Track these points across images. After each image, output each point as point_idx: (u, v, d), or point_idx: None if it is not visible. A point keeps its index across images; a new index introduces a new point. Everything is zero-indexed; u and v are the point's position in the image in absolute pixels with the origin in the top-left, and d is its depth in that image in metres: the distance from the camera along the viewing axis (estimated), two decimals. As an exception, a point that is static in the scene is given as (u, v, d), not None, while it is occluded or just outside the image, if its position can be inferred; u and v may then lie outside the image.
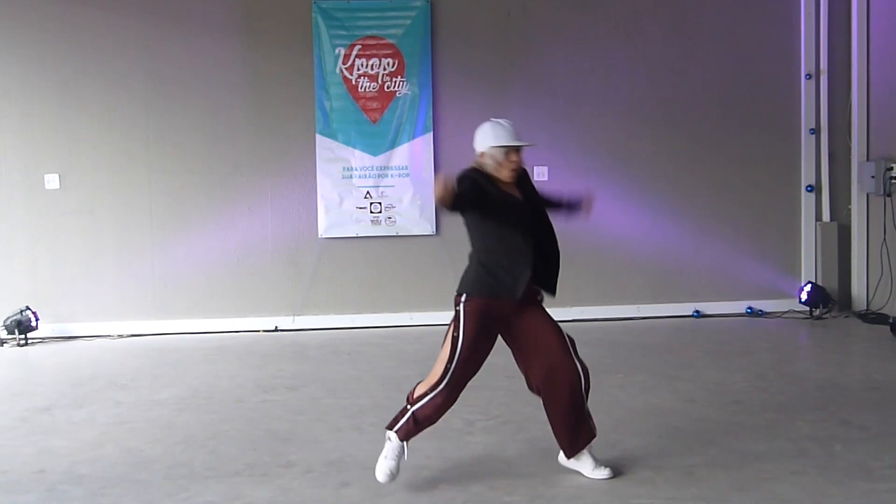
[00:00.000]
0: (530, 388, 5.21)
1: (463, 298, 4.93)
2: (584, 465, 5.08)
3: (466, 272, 5.03)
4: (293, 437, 5.92)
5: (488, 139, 4.97)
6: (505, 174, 4.97)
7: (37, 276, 9.79)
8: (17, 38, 9.69)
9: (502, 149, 4.94)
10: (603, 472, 5.05)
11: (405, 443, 4.97)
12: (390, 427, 5.02)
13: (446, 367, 4.90)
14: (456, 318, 4.94)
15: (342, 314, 9.95)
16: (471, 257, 5.05)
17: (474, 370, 5.03)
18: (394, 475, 4.93)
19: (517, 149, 5.00)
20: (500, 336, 5.09)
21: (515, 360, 5.19)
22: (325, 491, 4.94)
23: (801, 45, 10.17)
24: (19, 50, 9.70)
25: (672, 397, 6.70)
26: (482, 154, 5.00)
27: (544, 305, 5.17)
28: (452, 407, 5.04)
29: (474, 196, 4.82)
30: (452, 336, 4.91)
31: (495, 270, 4.91)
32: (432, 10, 9.90)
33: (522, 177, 5.10)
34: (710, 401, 6.58)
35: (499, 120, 5.07)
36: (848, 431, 5.80)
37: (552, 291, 5.16)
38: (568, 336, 5.13)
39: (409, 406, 4.99)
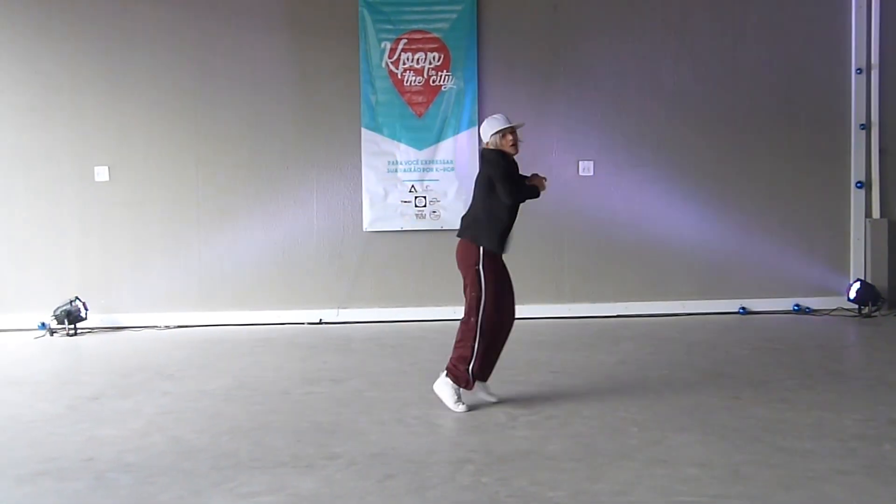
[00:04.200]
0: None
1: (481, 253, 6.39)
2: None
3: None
4: (337, 430, 5.95)
5: (488, 130, 6.34)
6: (511, 150, 6.33)
7: (86, 267, 9.94)
8: (69, 32, 9.84)
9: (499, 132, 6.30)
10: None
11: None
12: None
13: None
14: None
15: (387, 307, 9.99)
16: None
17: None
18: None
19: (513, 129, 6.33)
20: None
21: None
22: (369, 483, 4.96)
23: (851, 38, 10.04)
24: (71, 44, 9.84)
25: (717, 394, 6.64)
26: (486, 144, 6.39)
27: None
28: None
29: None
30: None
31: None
32: (478, 4, 9.89)
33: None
34: (757, 398, 6.51)
35: (492, 115, 6.44)
36: (897, 431, 5.72)
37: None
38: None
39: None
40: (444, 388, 6.32)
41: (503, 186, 6.16)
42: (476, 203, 6.45)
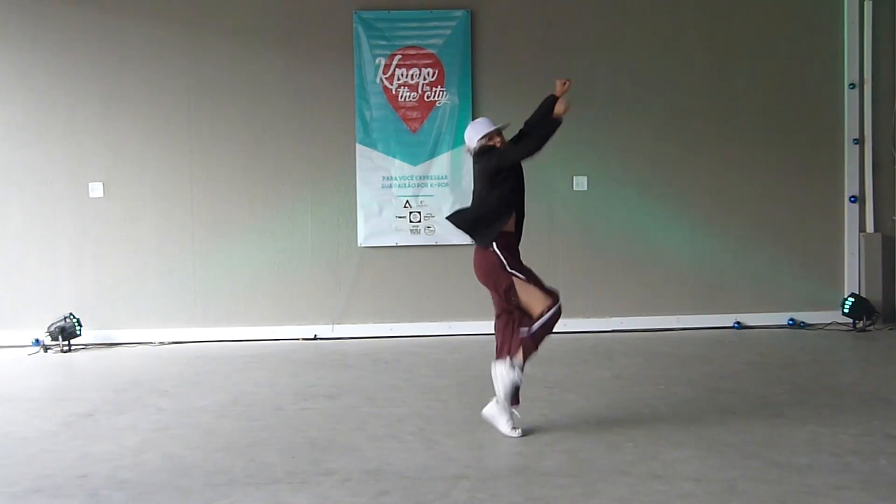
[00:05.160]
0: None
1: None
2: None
3: None
4: (332, 446, 5.94)
5: (474, 136, 6.28)
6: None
7: (80, 283, 9.92)
8: (63, 48, 9.84)
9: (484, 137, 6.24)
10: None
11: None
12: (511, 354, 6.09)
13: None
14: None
15: (381, 323, 9.98)
16: None
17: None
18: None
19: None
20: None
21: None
22: (364, 499, 4.95)
23: (844, 54, 10.08)
24: (65, 61, 9.85)
25: (712, 409, 6.64)
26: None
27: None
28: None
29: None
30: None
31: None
32: (472, 20, 9.92)
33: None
34: (752, 413, 6.51)
35: (474, 122, 6.53)
36: (892, 446, 5.71)
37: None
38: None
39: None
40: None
41: (514, 150, 6.21)
42: (476, 201, 6.32)
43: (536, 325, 6.00)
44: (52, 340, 9.54)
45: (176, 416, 6.80)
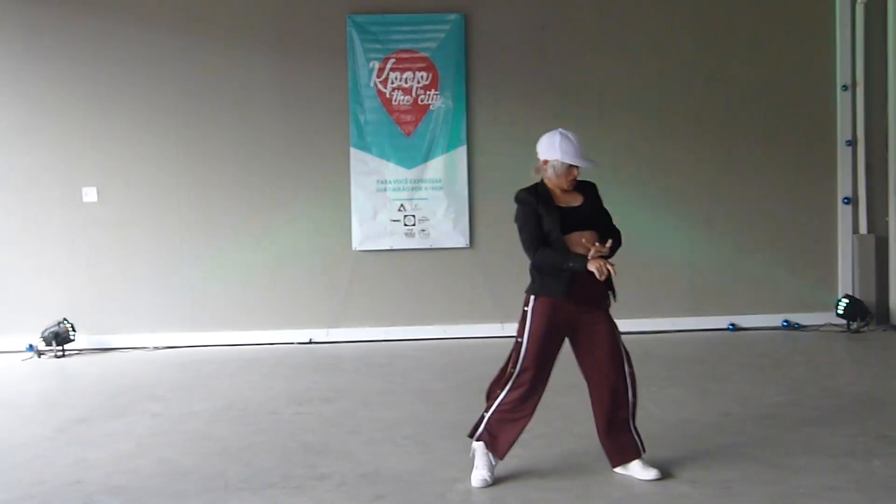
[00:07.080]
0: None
1: (532, 298, 5.21)
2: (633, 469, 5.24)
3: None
4: (327, 450, 5.93)
5: (556, 152, 5.22)
6: (564, 185, 5.31)
7: (74, 288, 9.88)
8: (56, 54, 9.81)
9: (566, 164, 5.21)
10: (650, 473, 5.16)
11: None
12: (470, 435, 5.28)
13: (513, 364, 5.17)
14: (523, 318, 5.20)
15: (376, 327, 9.97)
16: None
17: (543, 368, 5.25)
18: (487, 482, 5.11)
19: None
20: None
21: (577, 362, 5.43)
22: (359, 503, 4.94)
23: (836, 55, 10.10)
24: (58, 66, 9.82)
25: (707, 411, 6.65)
26: (545, 162, 5.28)
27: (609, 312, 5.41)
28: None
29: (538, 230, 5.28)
30: (517, 336, 5.19)
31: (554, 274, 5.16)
32: (466, 23, 9.92)
33: (587, 188, 5.52)
34: (746, 415, 6.52)
35: (567, 133, 5.30)
36: (887, 446, 5.72)
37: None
38: (624, 349, 5.36)
39: (484, 413, 5.23)
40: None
41: (526, 239, 5.35)
42: None
43: (490, 411, 5.21)
44: (46, 346, 9.51)
45: (170, 421, 6.79)
